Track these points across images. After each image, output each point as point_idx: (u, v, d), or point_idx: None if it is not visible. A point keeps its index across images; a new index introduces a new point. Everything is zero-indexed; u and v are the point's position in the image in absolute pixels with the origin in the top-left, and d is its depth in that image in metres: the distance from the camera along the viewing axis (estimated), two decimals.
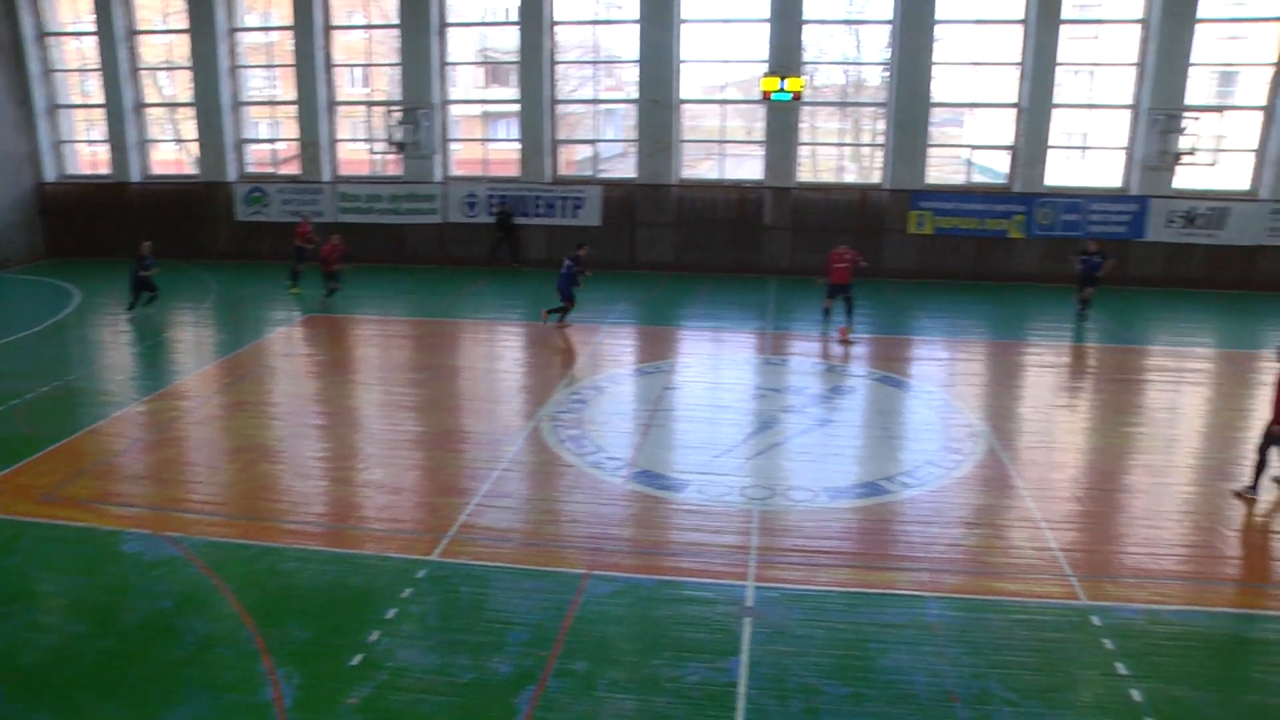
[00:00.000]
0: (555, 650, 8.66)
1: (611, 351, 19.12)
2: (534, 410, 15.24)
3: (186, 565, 10.27)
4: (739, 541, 10.93)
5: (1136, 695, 8.30)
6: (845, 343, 19.29)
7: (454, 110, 28.09)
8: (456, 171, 27.95)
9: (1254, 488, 12.55)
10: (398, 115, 26.36)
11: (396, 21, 26.64)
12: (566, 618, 9.20)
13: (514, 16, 26.50)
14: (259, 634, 8.94)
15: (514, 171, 27.27)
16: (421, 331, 20.66)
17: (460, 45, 28.03)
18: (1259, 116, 25.33)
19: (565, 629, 9.01)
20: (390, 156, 27.43)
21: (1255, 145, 25.46)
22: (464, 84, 29.02)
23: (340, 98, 27.99)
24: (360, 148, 28.71)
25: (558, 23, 26.59)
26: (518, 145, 27.18)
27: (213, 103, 27.63)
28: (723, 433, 14.45)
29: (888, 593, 9.96)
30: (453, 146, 28.03)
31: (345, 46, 28.27)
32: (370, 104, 28.43)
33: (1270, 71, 24.98)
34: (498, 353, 19.49)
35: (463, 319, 21.85)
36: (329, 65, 27.45)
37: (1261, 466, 12.53)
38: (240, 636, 8.94)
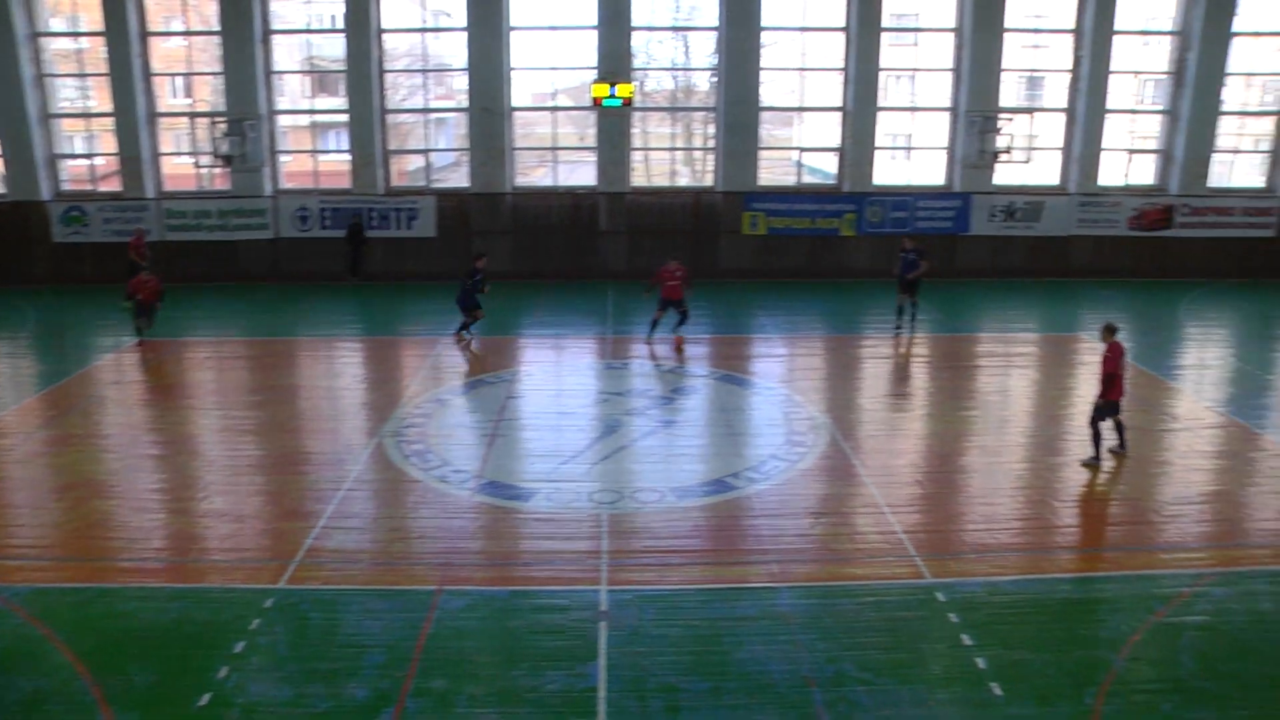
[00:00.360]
0: (412, 670, 8.72)
1: (453, 363, 19.11)
2: (377, 427, 15.16)
3: (8, 616, 9.71)
4: (590, 547, 11.20)
5: (981, 663, 8.99)
6: (679, 352, 19.64)
7: (282, 121, 27.39)
8: (287, 185, 27.23)
9: (1096, 457, 13.89)
10: (223, 127, 25.46)
11: (217, 28, 25.70)
12: (421, 636, 9.27)
13: (340, 24, 26.00)
14: (96, 683, 8.58)
15: (346, 183, 26.76)
16: (258, 352, 20.17)
17: (286, 53, 27.33)
18: (1063, 117, 27.56)
19: (420, 647, 9.08)
20: (217, 170, 26.50)
21: (1061, 144, 27.68)
22: (291, 93, 28.23)
23: (161, 109, 26.79)
24: (185, 161, 27.56)
25: (386, 30, 26.24)
26: (348, 156, 26.71)
27: (18, 114, 25.77)
28: (568, 439, 14.70)
29: (740, 586, 10.40)
30: (282, 158, 27.30)
31: (164, 54, 27.01)
32: (194, 115, 27.36)
33: (1069, 76, 27.14)
34: (338, 370, 19.20)
35: (300, 337, 21.45)
36: (147, 74, 26.18)
37: (1098, 437, 13.89)
38: (74, 689, 8.53)
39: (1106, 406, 13.77)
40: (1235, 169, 29.12)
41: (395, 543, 11.40)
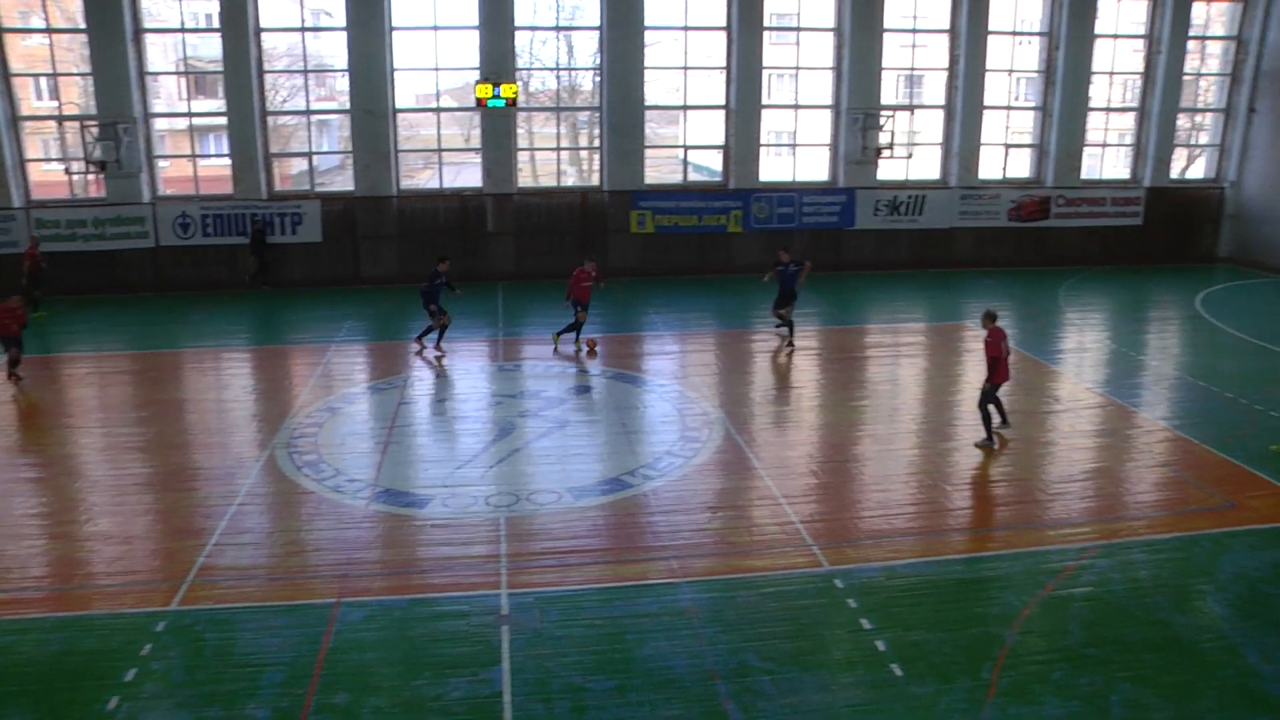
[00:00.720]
0: (313, 686, 8.52)
1: (343, 370, 18.73)
2: (268, 439, 14.76)
3: None
4: (488, 551, 11.10)
5: (881, 645, 9.20)
6: (593, 354, 19.51)
7: (159, 124, 26.42)
8: (166, 191, 26.32)
9: (989, 439, 14.44)
10: (95, 131, 24.50)
11: (83, 26, 24.54)
12: (321, 650, 9.06)
13: (216, 23, 25.18)
14: None
15: (227, 189, 25.96)
16: (141, 365, 19.37)
17: (160, 53, 26.33)
18: (942, 114, 28.45)
19: (321, 662, 8.88)
20: (91, 176, 25.40)
21: (941, 139, 28.56)
22: (168, 95, 27.19)
23: (25, 112, 25.51)
24: (56, 167, 26.29)
25: (264, 29, 25.56)
26: (229, 161, 25.91)
27: None
28: (463, 443, 14.59)
29: (640, 584, 10.42)
30: (160, 163, 26.34)
31: (25, 54, 25.70)
32: (62, 119, 26.06)
33: (946, 75, 28.04)
34: (226, 382, 18.62)
35: (186, 348, 20.65)
36: (7, 75, 24.82)
37: (988, 419, 14.46)
38: None
39: (993, 389, 14.35)
40: (1104, 162, 30.49)
41: (291, 556, 11.12)
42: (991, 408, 14.57)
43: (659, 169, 28.66)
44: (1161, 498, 13.00)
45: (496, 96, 25.04)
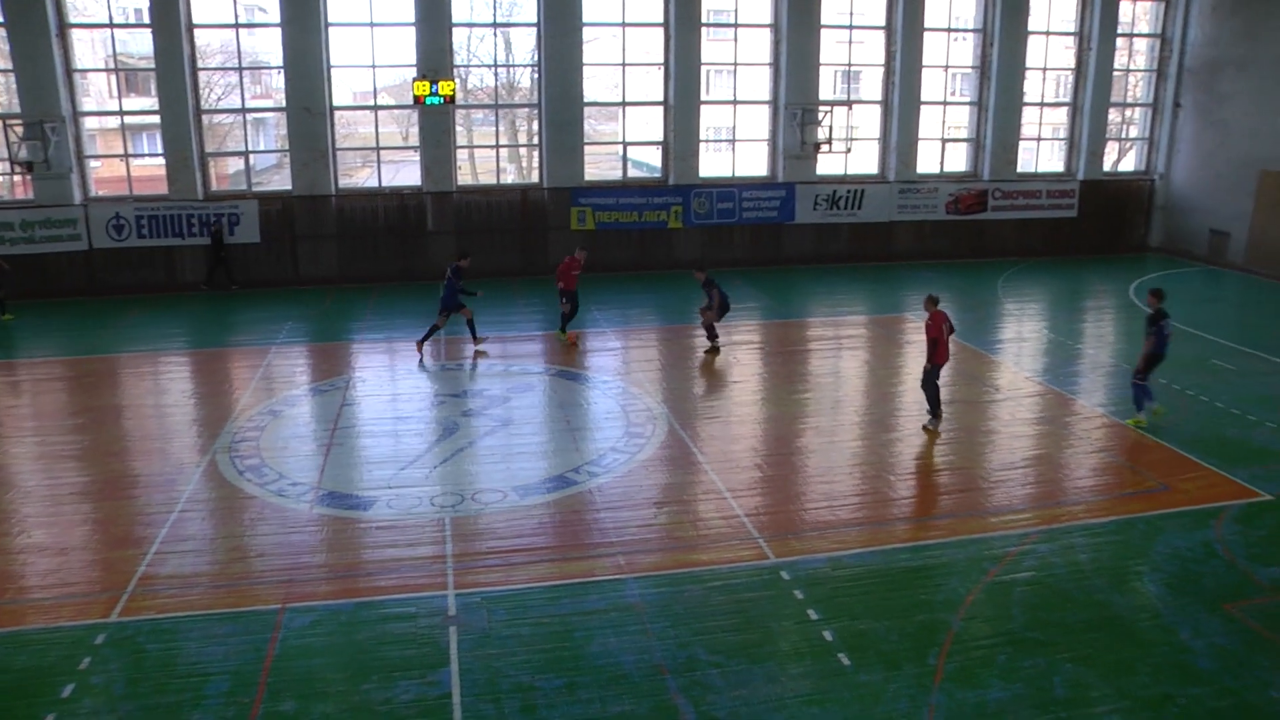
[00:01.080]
0: (259, 694, 8.40)
1: (284, 372, 18.46)
2: (208, 443, 14.50)
3: None
4: (434, 551, 11.03)
5: (828, 635, 9.30)
6: (574, 344, 19.73)
7: (89, 123, 25.77)
8: (98, 191, 25.70)
9: (935, 418, 14.87)
10: (20, 130, 23.78)
11: (1, 20, 23.68)
12: (267, 657, 8.94)
13: (146, 18, 24.55)
14: None
15: (162, 189, 25.41)
16: (76, 372, 18.84)
17: (88, 49, 25.71)
18: (879, 109, 28.77)
19: (267, 669, 8.76)
20: (17, 178, 24.76)
21: (879, 134, 28.88)
22: (98, 93, 26.52)
23: None
24: None
25: (196, 25, 25.01)
26: (163, 160, 25.36)
27: None
28: (406, 444, 14.46)
29: (587, 580, 10.42)
30: (91, 164, 25.72)
31: None
32: None
33: (883, 71, 28.39)
34: (164, 386, 18.21)
35: (122, 353, 20.11)
36: None
37: (935, 400, 14.89)
38: None
39: (933, 370, 14.72)
40: (1040, 155, 31.07)
41: (234, 563, 10.93)
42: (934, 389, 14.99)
43: (599, 165, 28.65)
44: (1099, 482, 13.28)
45: (434, 94, 24.83)
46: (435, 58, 25.39)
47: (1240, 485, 12.86)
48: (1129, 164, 32.24)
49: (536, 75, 26.78)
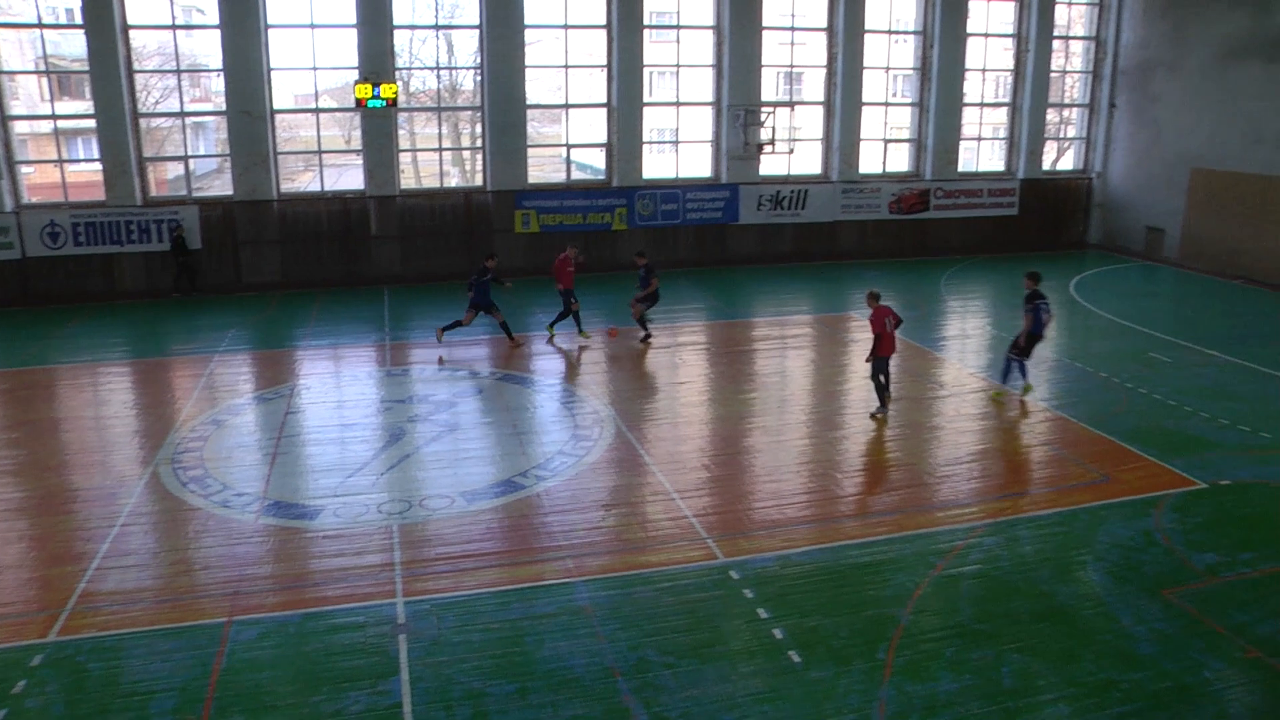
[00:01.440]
0: (206, 710, 8.26)
1: (227, 381, 18.16)
2: (151, 455, 14.22)
3: None
4: (382, 559, 10.92)
5: (779, 633, 9.36)
6: (615, 334, 20.48)
7: (19, 127, 24.99)
8: (31, 199, 25.02)
9: (883, 407, 15.36)
10: None
11: None
12: (213, 672, 8.78)
13: (78, 18, 23.93)
14: None
15: (99, 195, 24.87)
16: (11, 384, 18.29)
17: (16, 50, 25.00)
18: (822, 110, 29.01)
19: (214, 684, 8.60)
20: None
21: (822, 135, 29.11)
22: (28, 96, 25.83)
23: None
24: None
25: (132, 26, 24.43)
26: (100, 165, 24.79)
27: None
28: (353, 451, 14.29)
29: (537, 585, 10.38)
30: (23, 169, 24.99)
31: None
32: None
33: (825, 72, 28.61)
34: (104, 398, 17.79)
35: (60, 365, 19.59)
36: None
37: (882, 390, 15.35)
38: None
39: (878, 362, 15.11)
40: (980, 155, 31.54)
41: (179, 576, 10.72)
42: (883, 379, 15.37)
43: (543, 168, 28.62)
44: (1043, 475, 13.53)
45: (376, 97, 24.53)
46: (377, 60, 25.16)
47: (1177, 474, 13.18)
48: (1068, 163, 32.87)
49: (479, 77, 26.62)
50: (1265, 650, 9.11)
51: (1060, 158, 33.13)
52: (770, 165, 28.69)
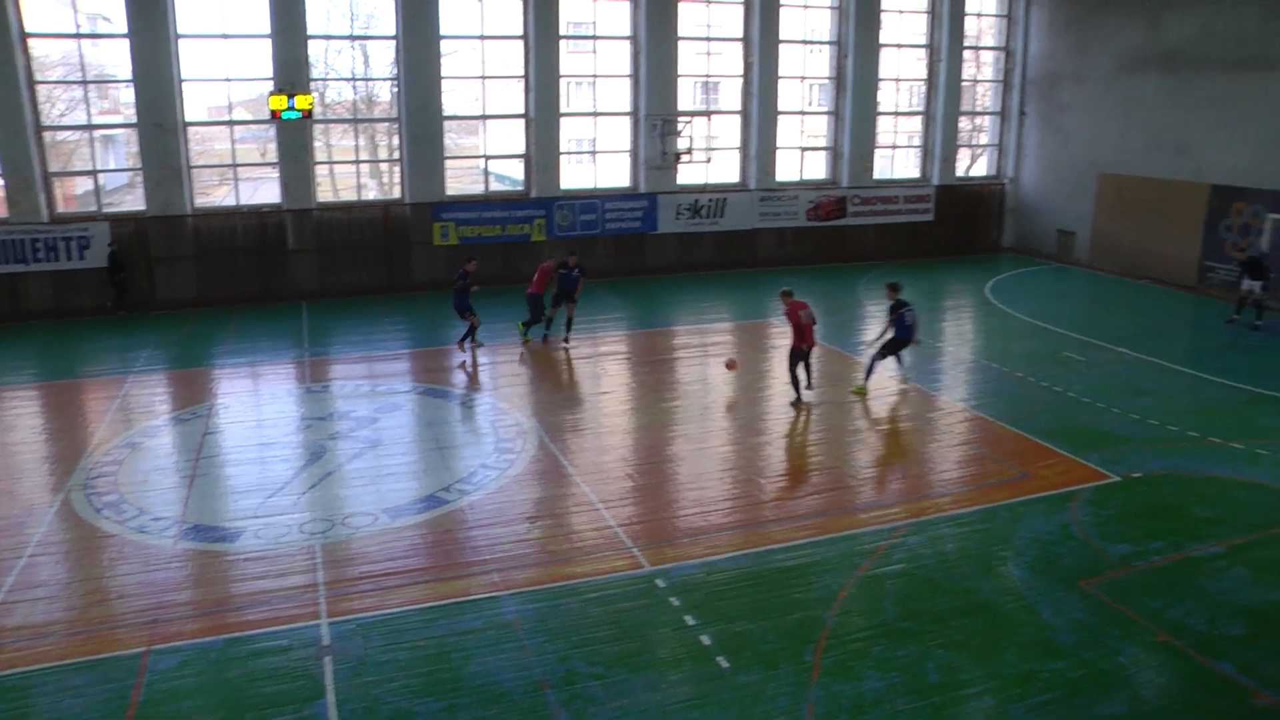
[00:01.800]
0: None
1: (142, 402, 17.66)
2: (62, 481, 13.75)
3: None
4: (305, 580, 10.72)
5: (706, 640, 9.40)
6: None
7: None
8: None
9: (799, 399, 16.20)
10: None
11: None
12: (131, 705, 8.51)
13: None
14: None
15: (2, 212, 24.01)
16: None
17: None
18: (739, 119, 29.32)
19: (131, 717, 8.34)
20: None
21: (739, 144, 29.39)
22: None
23: None
24: None
25: (30, 35, 23.42)
26: (1, 182, 23.97)
27: None
28: (273, 471, 14.00)
29: (463, 600, 10.27)
30: None
31: None
32: None
33: (741, 81, 28.93)
34: (10, 423, 17.09)
35: None
36: None
37: (796, 381, 16.11)
38: None
39: (795, 353, 15.91)
40: (895, 162, 32.14)
41: (93, 607, 10.36)
42: (801, 371, 16.08)
43: (461, 179, 28.41)
44: (963, 474, 13.79)
45: (291, 108, 24.11)
46: (292, 70, 24.76)
47: (1092, 469, 13.60)
48: (981, 169, 33.68)
49: (396, 88, 26.36)
50: (1174, 634, 9.48)
51: (974, 164, 33.94)
52: (688, 174, 28.89)
